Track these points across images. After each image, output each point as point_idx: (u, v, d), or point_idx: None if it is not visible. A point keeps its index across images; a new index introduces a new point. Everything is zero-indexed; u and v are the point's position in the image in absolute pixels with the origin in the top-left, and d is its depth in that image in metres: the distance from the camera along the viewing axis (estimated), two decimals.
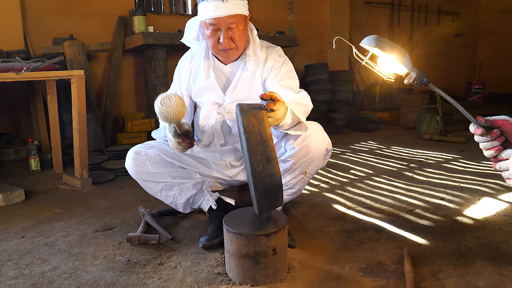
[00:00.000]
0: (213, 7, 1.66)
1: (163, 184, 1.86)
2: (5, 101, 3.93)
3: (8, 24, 3.83)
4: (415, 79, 1.19)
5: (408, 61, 1.19)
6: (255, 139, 1.36)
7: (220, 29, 1.71)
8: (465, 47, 8.83)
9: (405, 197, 2.45)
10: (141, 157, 1.85)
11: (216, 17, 1.68)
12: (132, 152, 1.87)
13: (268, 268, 1.45)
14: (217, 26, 1.70)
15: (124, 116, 4.46)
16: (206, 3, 1.68)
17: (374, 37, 1.22)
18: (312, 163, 1.77)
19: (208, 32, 1.74)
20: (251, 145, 1.35)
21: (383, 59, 1.23)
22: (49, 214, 2.29)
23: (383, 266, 1.59)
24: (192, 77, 1.97)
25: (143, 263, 1.66)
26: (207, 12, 1.68)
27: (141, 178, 1.87)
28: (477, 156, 3.43)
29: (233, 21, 1.69)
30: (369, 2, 7.08)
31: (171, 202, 1.92)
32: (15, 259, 1.72)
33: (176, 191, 1.88)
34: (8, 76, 2.47)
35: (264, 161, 1.35)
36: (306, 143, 1.72)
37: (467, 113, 1.12)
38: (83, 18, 4.37)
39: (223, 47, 1.75)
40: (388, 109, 6.22)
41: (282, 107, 1.49)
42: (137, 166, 1.85)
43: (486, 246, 1.74)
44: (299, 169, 1.78)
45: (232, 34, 1.72)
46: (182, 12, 5.23)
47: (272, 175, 1.35)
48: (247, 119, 1.38)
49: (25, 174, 3.18)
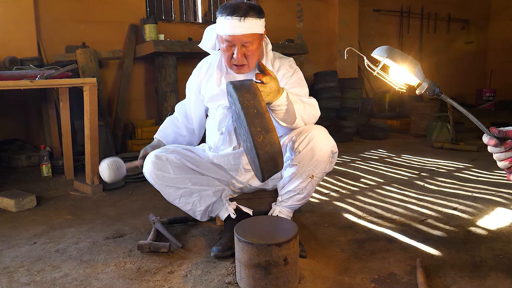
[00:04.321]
0: (230, 24, 1.69)
1: (183, 190, 1.84)
2: (17, 108, 3.98)
3: (22, 31, 3.89)
4: (427, 90, 1.18)
5: (420, 71, 1.18)
6: (252, 113, 1.44)
7: (234, 45, 1.74)
8: (475, 54, 8.77)
9: (416, 207, 2.42)
10: (162, 161, 1.82)
11: (231, 35, 1.70)
12: (153, 156, 1.84)
13: (279, 278, 1.44)
14: (232, 42, 1.73)
15: (134, 123, 4.49)
16: (224, 19, 1.70)
17: (386, 47, 1.22)
18: (318, 166, 1.76)
19: (223, 46, 1.77)
20: (249, 119, 1.43)
21: (395, 69, 1.23)
22: (60, 220, 2.31)
23: (395, 277, 1.57)
24: (203, 86, 2.00)
25: (153, 271, 1.66)
26: (224, 28, 1.71)
27: (161, 183, 1.84)
28: (489, 165, 3.39)
29: (248, 40, 1.72)
30: (378, 10, 7.08)
31: (189, 209, 1.89)
32: (27, 266, 1.73)
33: (196, 198, 1.86)
34: (23, 84, 2.50)
35: (263, 132, 1.43)
36: (311, 146, 1.72)
37: (480, 124, 1.11)
38: (95, 26, 4.42)
39: (235, 63, 1.78)
40: (398, 117, 6.19)
41: (273, 82, 1.57)
42: (157, 170, 1.81)
43: (501, 257, 1.72)
44: (306, 173, 1.78)
45: (245, 51, 1.75)
46: (193, 20, 5.28)
47: (272, 144, 1.44)
48: (241, 96, 1.46)
49: (36, 180, 3.21)
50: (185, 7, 5.20)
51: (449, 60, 8.14)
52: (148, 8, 4.85)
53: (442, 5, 7.96)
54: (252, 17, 1.68)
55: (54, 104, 3.69)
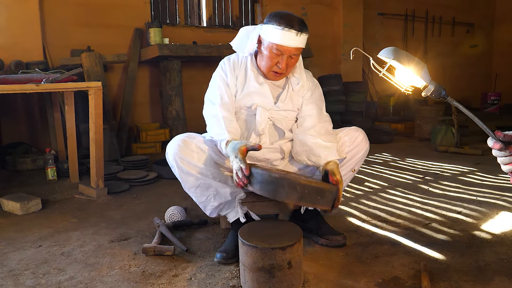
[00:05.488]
0: (286, 36, 1.73)
1: (202, 181, 1.80)
2: (23, 111, 4.01)
3: (28, 35, 3.93)
4: (433, 92, 1.18)
5: (426, 73, 1.18)
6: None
7: (282, 55, 1.78)
8: (480, 58, 8.74)
9: (421, 211, 2.42)
10: (189, 148, 1.79)
11: (286, 46, 1.75)
12: (180, 140, 1.80)
13: (283, 281, 1.44)
14: (281, 52, 1.77)
15: (139, 126, 4.52)
16: (280, 30, 1.73)
17: (392, 49, 1.22)
18: (360, 162, 1.99)
19: (268, 54, 1.80)
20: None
21: (401, 71, 1.23)
22: (65, 223, 2.32)
23: (399, 281, 1.57)
24: (239, 82, 1.94)
25: (158, 274, 1.66)
26: (279, 38, 1.74)
27: (182, 168, 1.78)
28: (494, 169, 3.37)
29: (297, 53, 1.81)
30: (382, 13, 7.08)
31: (202, 202, 1.86)
32: (32, 268, 1.74)
33: (212, 193, 1.83)
34: (28, 88, 2.52)
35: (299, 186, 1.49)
36: (358, 142, 1.94)
37: (485, 127, 1.11)
38: (100, 30, 4.46)
39: (277, 70, 1.83)
40: (402, 120, 6.17)
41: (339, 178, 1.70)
42: (182, 154, 1.77)
43: (505, 262, 1.71)
44: (350, 167, 1.96)
45: (289, 61, 1.82)
46: (197, 24, 5.31)
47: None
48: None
49: (42, 183, 3.23)
50: (190, 11, 5.24)
51: (454, 63, 8.11)
52: (152, 12, 4.88)
53: (447, 9, 7.95)
54: (305, 32, 1.77)
55: (59, 108, 3.72)
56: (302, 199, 1.50)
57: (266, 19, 1.81)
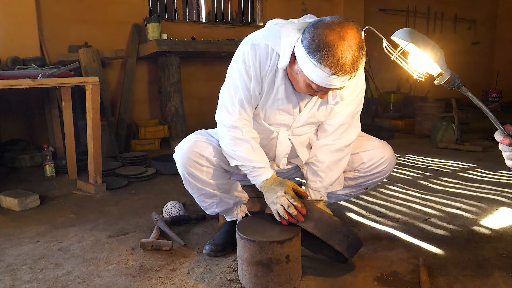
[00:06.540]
0: (334, 81, 1.32)
1: (206, 191, 1.71)
2: (21, 108, 4.00)
3: (24, 31, 3.91)
4: (448, 81, 1.11)
5: (443, 60, 1.09)
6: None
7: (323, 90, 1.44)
8: (482, 55, 8.70)
9: (420, 206, 2.41)
10: (199, 163, 1.64)
11: (328, 88, 1.39)
12: (191, 151, 1.62)
13: (281, 275, 1.43)
14: (322, 89, 1.42)
15: (138, 123, 4.51)
16: (327, 74, 1.30)
17: (408, 30, 1.12)
18: (375, 183, 1.90)
19: (302, 82, 1.44)
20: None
21: (415, 55, 1.13)
22: (63, 219, 2.31)
23: (398, 276, 1.56)
24: (264, 90, 1.58)
25: (156, 268, 1.66)
26: (322, 80, 1.33)
27: (188, 180, 1.68)
28: (494, 166, 3.36)
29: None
30: (383, 9, 7.04)
31: (203, 205, 1.81)
32: (30, 264, 1.74)
33: (215, 201, 1.76)
34: (24, 83, 2.51)
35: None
36: (381, 169, 1.80)
37: (496, 121, 1.09)
38: (98, 25, 4.44)
39: (311, 94, 1.50)
40: (403, 117, 6.15)
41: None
42: (191, 169, 1.64)
43: (504, 257, 1.70)
44: (363, 186, 1.89)
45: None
46: (196, 19, 5.28)
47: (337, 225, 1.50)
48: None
49: (40, 179, 3.22)
50: (188, 6, 5.21)
51: (455, 60, 7.96)
52: (151, 8, 4.86)
53: (449, 5, 7.91)
54: (359, 70, 1.35)
55: (57, 104, 3.70)
56: (347, 249, 1.49)
57: (304, 41, 1.33)
